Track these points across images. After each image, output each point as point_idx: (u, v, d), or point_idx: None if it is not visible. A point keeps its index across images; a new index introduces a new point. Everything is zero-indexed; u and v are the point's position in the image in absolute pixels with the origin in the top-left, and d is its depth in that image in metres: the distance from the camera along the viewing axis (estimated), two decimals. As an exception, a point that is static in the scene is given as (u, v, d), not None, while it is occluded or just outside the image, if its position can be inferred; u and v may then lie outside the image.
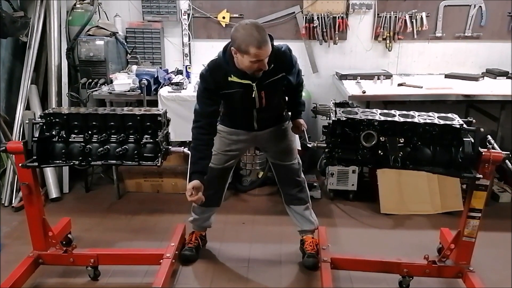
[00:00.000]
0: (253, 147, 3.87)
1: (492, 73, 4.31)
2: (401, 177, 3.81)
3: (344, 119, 2.45)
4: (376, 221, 3.71)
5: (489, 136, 2.50)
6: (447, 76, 4.36)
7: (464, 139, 2.38)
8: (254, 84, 2.57)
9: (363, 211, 3.87)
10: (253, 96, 2.60)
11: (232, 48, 2.44)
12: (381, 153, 2.44)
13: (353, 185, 4.01)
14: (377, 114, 2.50)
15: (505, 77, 4.22)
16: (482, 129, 2.39)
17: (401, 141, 2.44)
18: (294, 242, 3.20)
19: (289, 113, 3.00)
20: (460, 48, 4.51)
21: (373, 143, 2.43)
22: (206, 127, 2.65)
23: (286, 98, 2.94)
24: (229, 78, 2.55)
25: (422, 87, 3.89)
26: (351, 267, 2.92)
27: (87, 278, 2.88)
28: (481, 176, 2.38)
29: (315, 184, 4.14)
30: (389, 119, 2.45)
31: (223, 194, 3.11)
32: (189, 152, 2.71)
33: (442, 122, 2.42)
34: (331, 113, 2.56)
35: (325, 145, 2.53)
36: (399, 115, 2.50)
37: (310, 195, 3.16)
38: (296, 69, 2.78)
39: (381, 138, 2.43)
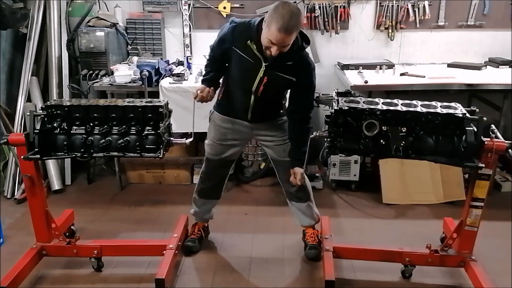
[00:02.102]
0: (252, 139, 3.83)
1: (495, 62, 4.28)
2: (403, 167, 3.80)
3: (346, 108, 2.44)
4: (379, 211, 3.71)
5: (492, 125, 2.48)
6: (449, 65, 4.33)
7: (466, 128, 2.36)
8: (264, 64, 2.53)
9: (365, 201, 3.87)
10: (258, 75, 2.56)
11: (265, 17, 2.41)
12: (383, 143, 2.43)
13: (355, 175, 4.00)
14: (379, 104, 2.48)
15: (508, 66, 4.20)
16: (485, 118, 2.37)
17: (403, 131, 2.43)
18: (297, 232, 3.21)
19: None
20: (463, 37, 4.48)
21: (375, 132, 2.42)
22: (215, 61, 2.76)
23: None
24: (248, 42, 2.52)
25: (424, 77, 3.87)
26: (353, 256, 2.92)
27: (91, 269, 2.90)
28: (483, 165, 2.37)
29: (317, 174, 4.14)
30: (391, 108, 2.44)
31: (222, 187, 3.10)
32: (190, 140, 2.73)
33: (444, 111, 2.41)
34: (333, 103, 2.54)
35: (327, 134, 2.52)
36: (401, 104, 2.49)
37: (312, 185, 3.14)
38: (309, 89, 2.68)
39: (383, 127, 2.42)
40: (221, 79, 2.81)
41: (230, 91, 2.77)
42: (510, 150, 2.40)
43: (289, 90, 2.80)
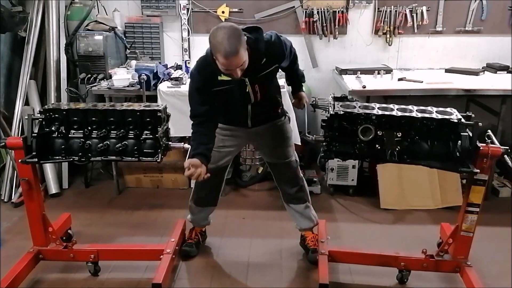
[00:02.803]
0: (249, 144, 3.83)
1: (493, 68, 4.30)
2: (401, 172, 3.80)
3: (342, 113, 2.45)
4: (376, 216, 3.71)
5: (489, 130, 2.49)
6: (447, 70, 4.35)
7: (461, 133, 2.37)
8: (246, 79, 2.51)
9: (363, 206, 3.87)
10: (247, 91, 2.56)
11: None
12: (379, 147, 2.44)
13: (353, 180, 4.00)
14: (375, 108, 2.49)
15: (506, 72, 4.21)
16: (480, 124, 2.38)
17: (398, 135, 2.43)
18: (294, 237, 3.20)
19: (290, 87, 3.06)
20: (461, 42, 4.50)
21: (371, 137, 2.43)
22: (204, 124, 2.58)
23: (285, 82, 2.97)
24: (219, 77, 2.48)
25: (422, 82, 3.88)
26: (348, 260, 2.92)
27: (88, 273, 2.89)
28: (478, 170, 2.37)
29: (314, 179, 4.13)
30: (386, 113, 2.44)
31: (219, 193, 3.08)
32: (189, 146, 2.68)
33: (440, 116, 2.42)
34: (330, 107, 2.55)
35: (323, 138, 2.52)
36: (397, 109, 2.49)
37: (310, 190, 3.15)
38: (288, 51, 2.64)
39: (378, 132, 2.43)
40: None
41: (226, 108, 2.72)
42: (505, 156, 2.41)
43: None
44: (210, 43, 2.30)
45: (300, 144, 3.76)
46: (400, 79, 4.00)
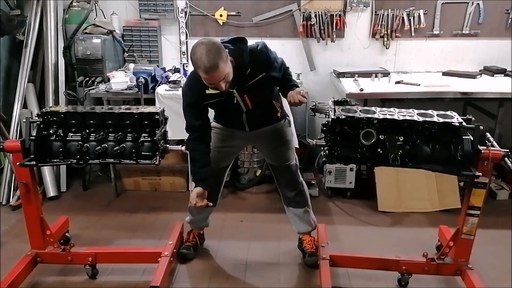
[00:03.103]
0: (250, 145, 3.84)
1: (490, 71, 4.31)
2: (398, 174, 3.81)
3: (343, 117, 2.44)
4: (374, 218, 3.71)
5: (487, 133, 2.50)
6: (444, 73, 4.36)
7: (463, 137, 2.37)
8: (234, 91, 2.53)
9: (361, 209, 3.87)
10: (235, 102, 2.58)
11: None
12: (380, 151, 2.43)
13: (350, 183, 4.01)
14: (376, 112, 2.49)
15: (503, 75, 4.23)
16: (481, 127, 2.39)
17: (400, 139, 2.43)
18: (292, 239, 3.20)
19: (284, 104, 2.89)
20: (458, 46, 4.51)
21: (373, 141, 2.43)
22: (200, 139, 2.68)
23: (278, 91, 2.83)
24: (207, 91, 2.52)
25: (419, 85, 3.89)
26: (350, 265, 2.92)
27: (85, 276, 2.88)
28: (480, 174, 2.38)
29: (313, 182, 4.13)
30: (388, 117, 2.44)
31: (218, 194, 3.09)
32: (187, 151, 2.73)
33: (441, 120, 2.42)
34: (330, 111, 2.55)
35: (324, 143, 2.52)
36: (398, 113, 2.50)
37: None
38: (278, 64, 2.64)
39: (380, 136, 2.43)
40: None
41: (222, 116, 2.80)
42: (506, 158, 2.41)
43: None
44: (191, 60, 2.32)
45: (298, 147, 3.76)
46: (397, 82, 4.01)
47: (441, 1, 4.34)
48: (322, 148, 2.54)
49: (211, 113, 2.85)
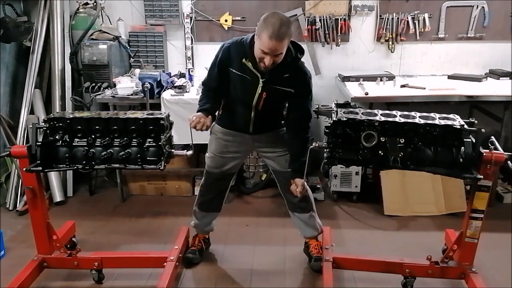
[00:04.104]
0: (253, 151, 3.84)
1: (495, 74, 4.29)
2: (405, 178, 3.80)
3: (345, 119, 2.45)
4: (380, 222, 3.70)
5: (492, 137, 2.49)
6: (450, 77, 4.35)
7: (465, 139, 2.37)
8: (261, 80, 2.56)
9: (367, 213, 3.86)
10: (257, 92, 2.59)
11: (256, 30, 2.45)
12: (382, 153, 2.44)
13: (356, 186, 4.00)
14: (378, 115, 2.49)
15: (508, 78, 4.20)
16: (483, 130, 2.38)
17: (401, 142, 2.43)
18: (298, 244, 3.20)
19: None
20: (463, 49, 4.50)
21: (374, 143, 2.43)
22: (212, 91, 2.74)
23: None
24: (243, 60, 2.55)
25: (425, 88, 3.88)
26: (353, 267, 2.92)
27: (92, 281, 2.89)
28: (481, 177, 2.37)
29: (318, 186, 4.14)
30: (389, 119, 2.45)
31: (223, 199, 3.10)
32: (191, 152, 2.74)
33: (443, 122, 2.42)
34: (333, 114, 2.56)
35: (326, 145, 2.53)
36: (400, 115, 2.50)
37: (313, 197, 3.14)
38: (307, 100, 2.71)
39: (381, 138, 2.43)
40: (220, 105, 2.84)
41: (230, 107, 2.80)
42: (509, 162, 2.40)
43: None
44: (260, 22, 2.39)
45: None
46: (402, 86, 4.00)
47: (446, 5, 4.34)
48: (324, 150, 2.55)
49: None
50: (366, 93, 3.72)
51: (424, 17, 4.35)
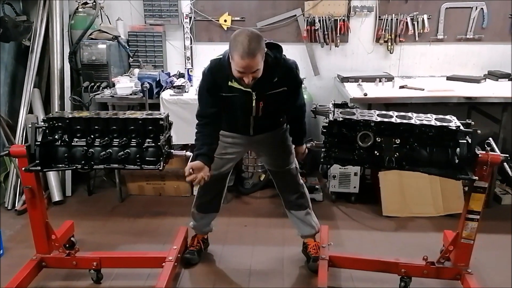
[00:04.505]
0: (251, 151, 3.84)
1: (494, 75, 4.30)
2: (403, 179, 3.81)
3: (341, 119, 2.47)
4: (379, 223, 3.71)
5: (490, 138, 2.50)
6: (449, 78, 4.36)
7: (460, 140, 2.38)
8: (254, 93, 2.55)
9: (365, 214, 3.87)
10: (253, 105, 2.60)
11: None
12: (377, 154, 2.45)
13: (355, 187, 4.00)
14: (374, 115, 2.51)
15: (507, 79, 4.22)
16: (479, 131, 2.38)
17: (397, 142, 2.45)
18: (297, 244, 3.21)
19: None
20: (462, 50, 4.51)
21: (370, 143, 2.44)
22: (208, 125, 2.63)
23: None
24: (229, 83, 2.53)
25: (423, 90, 3.88)
26: (348, 266, 2.93)
27: (90, 281, 2.89)
28: (476, 178, 2.38)
29: (317, 186, 4.14)
30: (385, 120, 2.46)
31: (221, 199, 3.10)
32: (191, 154, 2.70)
33: (438, 123, 2.43)
34: (330, 114, 2.57)
35: (322, 144, 2.54)
36: (396, 116, 2.51)
37: (311, 197, 3.16)
38: (299, 88, 2.74)
39: (377, 138, 2.44)
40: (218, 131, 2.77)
41: (229, 116, 2.76)
42: (505, 163, 2.41)
43: None
44: (230, 42, 2.36)
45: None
46: (401, 87, 4.00)
47: (445, 6, 4.35)
48: (321, 150, 2.57)
49: None
50: (365, 94, 3.73)
51: (423, 18, 4.36)
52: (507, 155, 2.41)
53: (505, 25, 4.39)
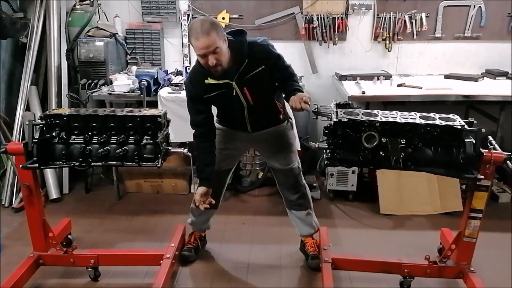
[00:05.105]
0: (251, 148, 3.84)
1: (492, 74, 4.31)
2: (400, 177, 3.81)
3: (346, 120, 2.45)
4: (376, 221, 3.71)
5: (489, 136, 2.50)
6: (446, 76, 4.36)
7: (465, 140, 2.38)
8: (233, 82, 2.55)
9: (363, 212, 3.87)
10: (234, 94, 2.58)
11: None
12: (383, 154, 2.43)
13: (352, 185, 4.01)
14: (378, 115, 2.50)
15: (505, 78, 4.23)
16: (483, 130, 2.39)
17: (402, 142, 2.43)
18: (294, 242, 3.20)
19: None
20: (460, 49, 4.52)
21: (375, 144, 2.43)
22: (204, 136, 2.71)
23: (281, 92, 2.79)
24: (206, 81, 2.55)
25: (421, 88, 3.89)
26: (352, 268, 2.92)
27: (88, 278, 2.89)
28: (482, 177, 2.38)
29: (314, 184, 4.14)
30: (390, 120, 2.45)
31: (220, 197, 3.09)
32: (189, 153, 2.73)
33: (443, 123, 2.42)
34: (332, 114, 2.55)
35: (326, 146, 2.53)
36: (400, 116, 2.50)
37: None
38: (280, 62, 2.64)
39: (382, 139, 2.43)
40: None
41: (224, 115, 2.82)
42: (508, 162, 2.41)
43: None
44: (188, 31, 2.45)
45: (300, 150, 3.76)
46: (399, 85, 4.01)
47: (443, 4, 4.35)
48: (324, 151, 2.54)
49: (214, 113, 2.88)
50: (363, 92, 3.73)
51: (421, 17, 4.36)
52: (510, 153, 2.41)
53: (503, 23, 4.39)
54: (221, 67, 2.44)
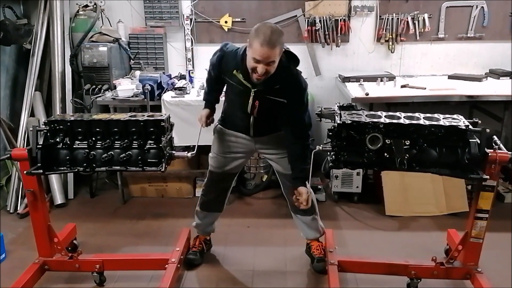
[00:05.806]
0: (255, 153, 3.83)
1: (495, 74, 4.30)
2: (405, 178, 3.80)
3: (350, 122, 2.44)
4: (381, 223, 3.70)
5: (494, 136, 2.49)
6: (450, 77, 4.35)
7: (470, 140, 2.37)
8: (253, 90, 2.55)
9: (368, 213, 3.86)
10: (249, 101, 2.59)
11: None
12: (387, 156, 2.43)
13: (357, 187, 4.00)
14: (382, 117, 2.49)
15: (508, 77, 4.21)
16: (488, 130, 2.38)
17: (406, 143, 2.43)
18: (299, 245, 3.20)
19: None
20: (463, 49, 4.50)
21: (379, 145, 2.42)
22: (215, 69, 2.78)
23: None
24: (234, 72, 2.56)
25: (425, 88, 3.88)
26: (358, 270, 2.91)
27: (93, 284, 2.89)
28: (488, 177, 2.37)
29: (319, 186, 4.13)
30: (394, 121, 2.44)
31: (225, 200, 3.10)
32: (192, 153, 2.74)
33: (447, 123, 2.42)
34: (336, 116, 2.55)
35: (330, 148, 2.52)
36: (404, 117, 2.49)
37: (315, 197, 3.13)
38: (300, 109, 2.61)
39: (386, 140, 2.42)
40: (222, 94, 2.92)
41: (230, 111, 2.83)
42: None
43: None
44: (252, 32, 2.37)
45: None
46: (403, 86, 4.00)
47: (446, 5, 4.34)
48: (328, 153, 2.54)
49: (217, 115, 2.95)
50: (367, 94, 3.72)
51: (423, 17, 4.35)
52: None
53: (505, 23, 4.38)
54: (263, 77, 2.43)
